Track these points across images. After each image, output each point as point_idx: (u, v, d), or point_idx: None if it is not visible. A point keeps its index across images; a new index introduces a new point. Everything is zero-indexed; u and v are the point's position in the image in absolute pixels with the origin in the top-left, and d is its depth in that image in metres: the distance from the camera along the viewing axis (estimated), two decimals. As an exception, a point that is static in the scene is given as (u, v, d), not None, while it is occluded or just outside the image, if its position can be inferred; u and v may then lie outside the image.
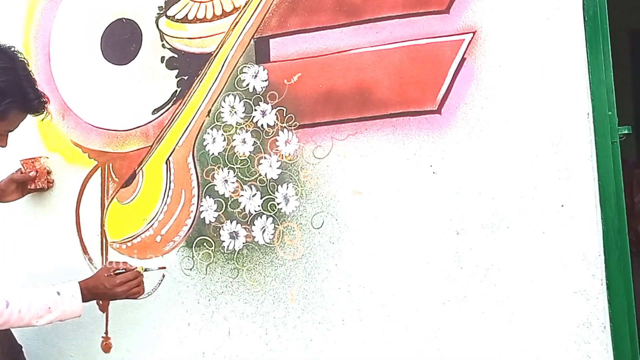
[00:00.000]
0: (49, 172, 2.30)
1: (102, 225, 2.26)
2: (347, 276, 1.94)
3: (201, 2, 2.15)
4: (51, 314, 1.84)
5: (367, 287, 1.92)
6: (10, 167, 2.27)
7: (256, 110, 2.07)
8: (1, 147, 1.88)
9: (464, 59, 1.83)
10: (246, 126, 2.08)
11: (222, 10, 2.12)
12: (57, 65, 2.37)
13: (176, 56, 2.18)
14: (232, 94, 2.10)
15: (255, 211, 2.06)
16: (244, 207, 2.07)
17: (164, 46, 2.20)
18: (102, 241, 2.25)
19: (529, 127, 1.77)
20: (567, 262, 1.73)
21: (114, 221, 2.24)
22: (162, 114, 2.19)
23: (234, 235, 2.08)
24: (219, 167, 2.11)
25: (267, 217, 2.04)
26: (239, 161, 2.08)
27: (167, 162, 2.18)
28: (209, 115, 2.13)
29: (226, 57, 2.10)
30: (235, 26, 2.10)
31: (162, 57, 2.20)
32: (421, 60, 1.88)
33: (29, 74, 1.84)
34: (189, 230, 2.14)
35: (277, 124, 2.04)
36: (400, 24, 1.91)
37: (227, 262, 2.09)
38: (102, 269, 1.97)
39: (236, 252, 2.08)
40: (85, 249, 2.27)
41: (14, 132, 1.88)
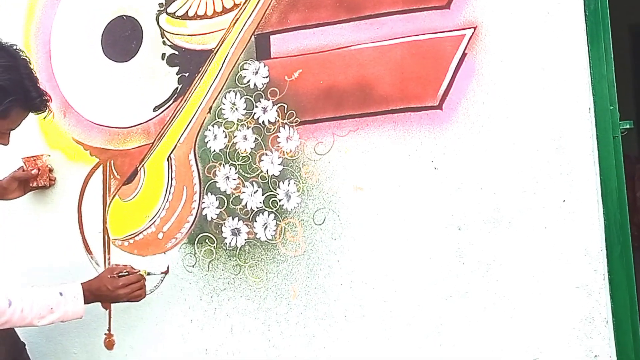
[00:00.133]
0: (50, 170, 2.30)
1: (104, 222, 2.26)
2: (349, 272, 1.94)
3: (201, -2, 2.16)
4: (53, 314, 1.84)
5: (369, 283, 1.92)
6: (12, 165, 2.27)
7: (257, 106, 2.07)
8: (3, 145, 1.88)
9: (465, 55, 1.83)
10: (247, 123, 2.08)
11: (223, 6, 2.12)
12: (58, 63, 2.37)
13: (177, 53, 2.18)
14: (233, 91, 2.10)
15: (257, 208, 2.06)
16: (246, 204, 2.07)
17: (164, 43, 2.20)
18: (104, 238, 2.25)
19: (530, 122, 1.77)
20: (569, 257, 1.73)
21: (116, 218, 2.24)
22: (163, 111, 2.19)
23: (235, 232, 2.08)
24: (220, 164, 2.11)
25: (268, 214, 2.04)
26: (241, 158, 2.08)
27: (168, 159, 2.18)
28: (210, 112, 2.13)
29: (227, 53, 2.10)
30: (235, 23, 2.10)
31: (163, 54, 2.20)
32: (422, 55, 1.88)
33: (31, 72, 1.84)
34: (190, 227, 2.14)
35: (278, 121, 2.04)
36: (400, 20, 1.90)
37: (229, 259, 2.09)
38: (106, 270, 1.98)
39: (238, 249, 2.08)
40: (87, 246, 2.27)
41: (15, 130, 1.88)
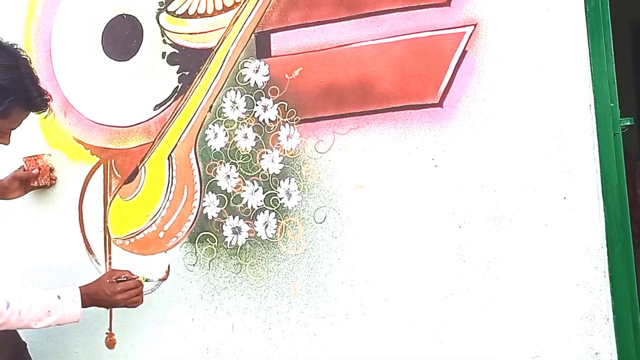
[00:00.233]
0: (51, 170, 2.30)
1: (105, 221, 2.26)
2: (350, 270, 1.94)
3: (202, -3, 2.16)
4: (50, 317, 1.84)
5: (370, 281, 1.92)
6: (13, 164, 2.28)
7: (258, 105, 2.07)
8: (4, 144, 1.88)
9: (465, 52, 1.83)
10: (248, 121, 2.08)
11: (223, 5, 2.12)
12: (58, 62, 2.37)
13: (177, 52, 2.18)
14: (234, 89, 2.10)
15: (257, 206, 2.06)
16: (247, 203, 2.07)
17: (164, 42, 2.20)
18: (105, 237, 2.25)
19: (530, 120, 1.77)
20: (570, 255, 1.72)
21: (116, 217, 2.24)
22: (163, 110, 2.19)
23: (236, 230, 2.08)
24: (221, 163, 2.11)
25: (269, 212, 2.04)
26: (241, 156, 2.08)
27: (169, 158, 2.18)
28: (210, 110, 2.13)
29: (227, 52, 2.10)
30: (236, 21, 2.10)
31: (163, 53, 2.20)
32: (422, 53, 1.88)
33: (32, 71, 1.84)
34: (191, 225, 2.14)
35: (278, 119, 2.04)
36: (401, 17, 1.90)
37: (230, 258, 2.09)
38: (105, 275, 1.98)
39: (239, 248, 2.08)
40: (88, 245, 2.27)
41: (16, 129, 1.88)
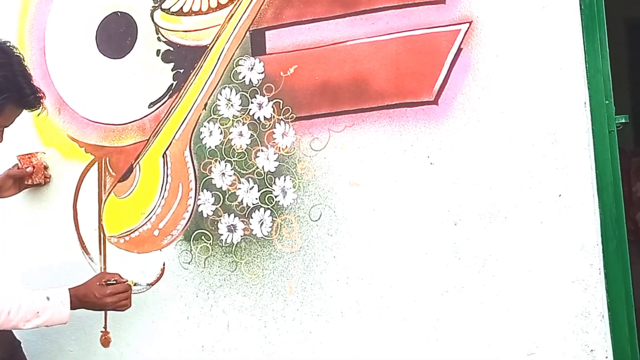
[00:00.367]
0: (46, 168, 2.29)
1: (100, 219, 2.25)
2: (345, 268, 1.94)
3: (196, -6, 2.15)
4: (39, 318, 1.84)
5: (365, 278, 1.92)
6: (6, 162, 2.27)
7: (252, 102, 2.06)
8: (-3, 142, 1.88)
9: (460, 49, 1.83)
10: (243, 119, 2.07)
11: (218, 2, 2.11)
12: (52, 59, 2.36)
13: (172, 49, 2.17)
14: (229, 87, 2.09)
15: (252, 204, 2.05)
16: (242, 200, 2.07)
17: (159, 39, 2.19)
18: (100, 236, 2.25)
19: (525, 117, 1.77)
20: (565, 252, 1.73)
21: (111, 215, 2.24)
22: (158, 108, 2.18)
23: (231, 228, 2.08)
24: (216, 161, 2.10)
25: (264, 210, 2.04)
26: (236, 154, 2.08)
27: (164, 156, 2.17)
28: (205, 108, 2.12)
29: (222, 49, 2.10)
30: (230, 18, 2.09)
31: (158, 51, 2.19)
32: (418, 50, 1.87)
33: (25, 69, 1.83)
34: (186, 223, 2.14)
35: (273, 117, 2.03)
36: (396, 15, 1.90)
37: (226, 256, 2.09)
38: (94, 278, 1.97)
39: (234, 245, 2.08)
40: (83, 243, 2.27)
41: (9, 127, 1.87)
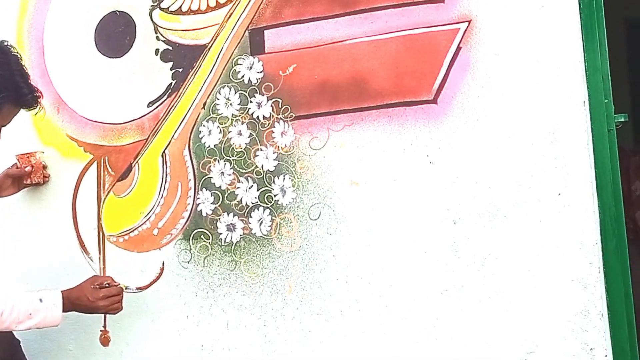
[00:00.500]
0: (44, 167, 2.29)
1: (99, 219, 2.25)
2: (344, 267, 1.94)
3: (195, -7, 2.15)
4: (31, 320, 1.84)
5: (364, 277, 1.92)
6: (5, 162, 2.26)
7: (252, 102, 2.06)
8: (-5, 141, 1.88)
9: (459, 48, 1.83)
10: (242, 118, 2.07)
11: (216, 1, 2.11)
12: (51, 58, 2.35)
13: (170, 48, 2.17)
14: (228, 86, 2.09)
15: (252, 203, 2.05)
16: (241, 199, 2.07)
17: (158, 38, 2.19)
18: (99, 235, 2.25)
19: (525, 116, 1.77)
20: (565, 251, 1.73)
21: (110, 215, 2.24)
22: (157, 107, 2.18)
23: (231, 227, 2.08)
24: (215, 160, 2.10)
25: (264, 209, 2.04)
26: (235, 153, 2.08)
27: (163, 155, 2.17)
28: (204, 107, 2.12)
29: (221, 48, 2.09)
30: (229, 17, 2.09)
31: (157, 50, 2.19)
32: (417, 49, 1.87)
33: (22, 68, 1.83)
34: (186, 222, 2.14)
35: (272, 116, 2.03)
36: (395, 14, 1.90)
37: (225, 255, 2.08)
38: (87, 280, 1.97)
39: (233, 245, 2.07)
40: (82, 243, 2.26)
41: (7, 126, 1.87)
